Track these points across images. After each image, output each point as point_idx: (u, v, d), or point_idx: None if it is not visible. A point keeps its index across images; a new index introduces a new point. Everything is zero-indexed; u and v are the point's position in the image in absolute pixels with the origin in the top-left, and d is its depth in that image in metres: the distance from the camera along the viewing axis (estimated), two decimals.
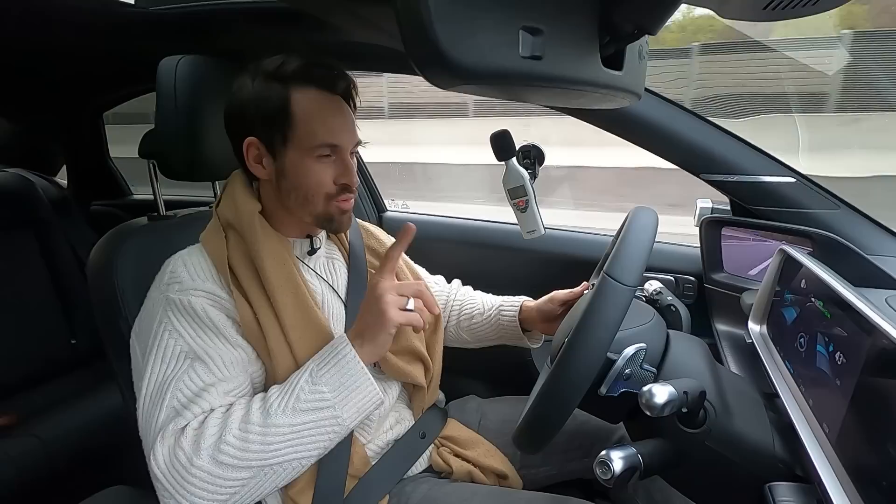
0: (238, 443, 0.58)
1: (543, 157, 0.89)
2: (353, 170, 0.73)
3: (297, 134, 0.69)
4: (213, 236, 0.73)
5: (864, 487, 0.44)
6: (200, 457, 0.57)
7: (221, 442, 0.58)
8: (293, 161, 0.71)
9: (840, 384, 0.51)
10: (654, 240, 0.60)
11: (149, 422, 0.62)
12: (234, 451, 0.58)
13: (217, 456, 0.57)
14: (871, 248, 0.85)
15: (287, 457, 0.60)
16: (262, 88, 0.70)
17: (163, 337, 0.65)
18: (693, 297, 1.08)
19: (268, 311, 0.68)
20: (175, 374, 0.63)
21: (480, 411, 0.97)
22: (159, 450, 0.58)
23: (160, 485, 0.58)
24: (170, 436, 0.59)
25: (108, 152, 1.82)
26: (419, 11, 0.28)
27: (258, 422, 0.59)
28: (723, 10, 0.41)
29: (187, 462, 0.57)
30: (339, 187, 0.72)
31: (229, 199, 0.74)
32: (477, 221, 1.39)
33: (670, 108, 0.94)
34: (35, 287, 1.43)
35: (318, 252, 0.81)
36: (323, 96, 0.71)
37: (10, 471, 1.09)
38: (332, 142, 0.70)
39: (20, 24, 0.98)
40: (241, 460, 0.58)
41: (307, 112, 0.69)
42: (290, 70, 0.69)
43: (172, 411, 0.61)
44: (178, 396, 0.62)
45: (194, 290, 0.67)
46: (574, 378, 0.54)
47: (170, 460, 0.58)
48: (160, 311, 0.67)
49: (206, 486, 0.57)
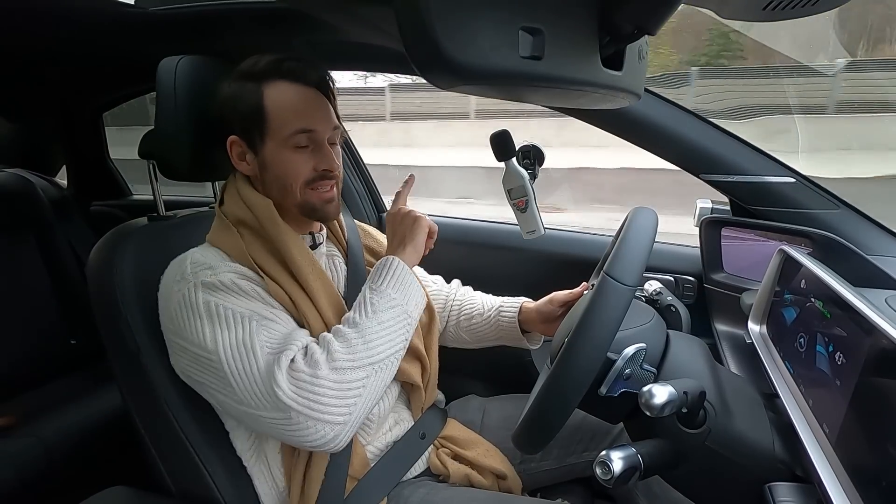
0: (345, 349, 0.64)
1: (543, 158, 0.89)
2: (333, 157, 0.74)
3: (271, 126, 0.72)
4: (224, 234, 0.73)
5: (864, 487, 0.44)
6: (321, 369, 0.62)
7: (331, 354, 0.63)
8: (272, 153, 0.72)
9: (840, 384, 0.51)
10: (653, 240, 0.60)
11: (248, 375, 0.62)
12: (344, 356, 0.63)
13: (333, 364, 0.63)
14: (871, 249, 0.85)
15: (386, 351, 0.67)
16: (237, 88, 0.73)
17: (217, 311, 0.65)
18: (693, 297, 1.08)
19: (301, 293, 0.71)
20: (250, 333, 0.64)
21: (483, 409, 0.97)
22: (281, 380, 0.61)
23: (295, 412, 0.61)
24: (284, 367, 0.62)
25: (108, 152, 1.82)
26: (419, 11, 0.28)
27: (352, 331, 0.66)
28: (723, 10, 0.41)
29: (311, 378, 0.61)
30: (318, 174, 0.73)
31: (235, 197, 0.75)
32: (477, 221, 1.38)
33: (670, 108, 0.94)
34: (35, 287, 1.43)
35: (320, 249, 0.82)
36: (294, 87, 0.73)
37: (10, 471, 1.08)
38: (305, 127, 0.71)
39: (20, 23, 0.98)
40: (353, 361, 0.64)
41: (279, 104, 0.71)
42: (261, 67, 0.72)
43: (271, 356, 0.63)
44: (268, 344, 0.64)
45: (227, 271, 0.68)
46: (574, 378, 0.54)
47: (295, 384, 0.61)
48: (198, 295, 0.66)
49: (335, 393, 0.62)
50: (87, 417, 1.27)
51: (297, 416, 0.61)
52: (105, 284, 0.75)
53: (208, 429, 0.74)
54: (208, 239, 0.75)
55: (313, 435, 0.62)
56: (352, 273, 0.85)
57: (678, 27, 3.28)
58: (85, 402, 1.31)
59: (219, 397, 0.66)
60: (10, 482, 1.07)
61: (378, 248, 0.91)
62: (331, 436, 0.62)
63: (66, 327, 1.46)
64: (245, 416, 0.65)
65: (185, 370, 0.69)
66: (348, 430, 0.64)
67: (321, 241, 0.83)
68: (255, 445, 0.75)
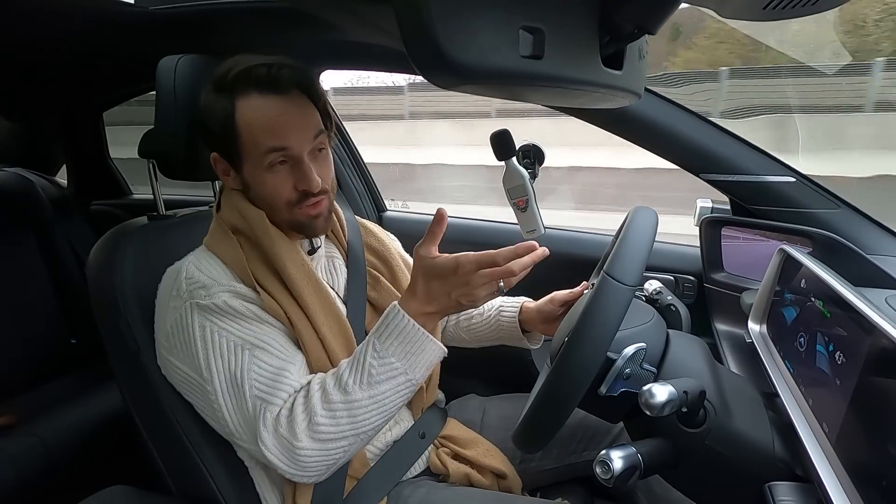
0: (328, 420, 0.62)
1: (543, 157, 0.89)
2: (311, 175, 0.69)
3: (244, 146, 0.68)
4: (222, 241, 0.72)
5: (863, 487, 0.44)
6: (301, 440, 0.61)
7: (313, 424, 0.61)
8: (250, 173, 0.70)
9: (840, 384, 0.51)
10: (653, 239, 0.60)
11: (239, 416, 0.64)
12: (327, 427, 0.61)
13: (314, 435, 0.61)
14: (871, 248, 0.85)
15: (374, 422, 0.64)
16: (211, 101, 0.68)
17: (211, 338, 0.65)
18: (693, 296, 1.08)
19: (296, 308, 0.70)
20: (241, 366, 0.64)
21: (482, 408, 0.97)
22: (267, 440, 0.61)
23: (280, 468, 0.62)
24: (270, 425, 0.62)
25: (108, 152, 1.82)
26: (419, 11, 0.28)
27: (340, 399, 0.62)
28: (723, 10, 0.41)
29: (291, 446, 0.61)
30: (299, 193, 0.70)
31: (231, 205, 0.73)
32: (477, 221, 1.38)
33: (670, 108, 0.94)
34: (35, 287, 1.43)
35: (318, 252, 0.81)
36: (265, 99, 0.67)
37: (9, 471, 1.08)
38: (277, 145, 0.67)
39: (20, 23, 0.98)
40: (336, 433, 0.62)
41: (248, 121, 0.67)
42: (232, 76, 0.67)
43: (258, 400, 0.63)
44: (257, 385, 0.64)
45: (222, 290, 0.67)
46: (574, 378, 0.54)
47: (280, 446, 0.62)
48: (193, 318, 0.66)
49: (317, 459, 0.62)
50: (87, 417, 1.27)
51: (282, 469, 0.63)
52: (105, 284, 0.75)
53: (208, 428, 0.74)
54: (206, 244, 0.74)
55: (293, 477, 0.64)
56: (352, 275, 0.84)
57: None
58: (85, 402, 1.31)
59: (205, 418, 0.69)
60: (10, 482, 1.07)
61: (380, 248, 0.89)
62: (311, 481, 0.65)
63: (66, 327, 1.46)
64: (228, 436, 0.68)
65: (176, 385, 0.71)
66: (327, 476, 0.66)
67: (319, 245, 0.81)
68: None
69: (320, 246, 0.82)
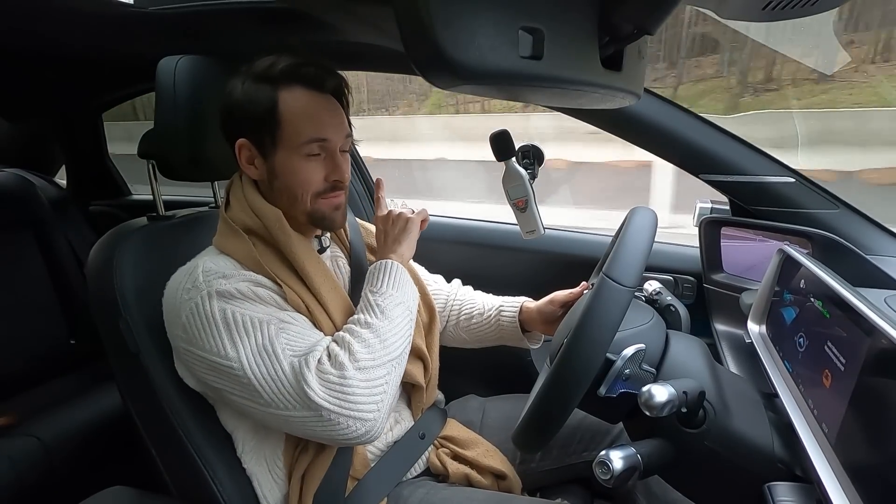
0: (365, 349, 0.66)
1: (543, 157, 0.89)
2: (344, 166, 0.74)
3: (284, 133, 0.70)
4: (233, 241, 0.72)
5: (863, 487, 0.44)
6: (347, 369, 0.63)
7: (353, 354, 0.65)
8: (282, 161, 0.71)
9: (839, 384, 0.51)
10: (653, 240, 0.60)
11: (275, 383, 0.63)
12: (366, 355, 0.65)
13: (357, 364, 0.64)
14: (871, 248, 0.85)
15: (401, 346, 0.70)
16: (252, 90, 0.70)
17: (233, 318, 0.65)
18: (692, 297, 1.08)
19: (315, 303, 0.72)
20: (269, 337, 0.64)
21: (482, 409, 0.97)
22: (312, 382, 0.62)
23: (328, 411, 0.62)
24: (313, 368, 0.63)
25: (108, 152, 1.82)
26: (419, 12, 0.28)
27: (367, 331, 0.68)
28: (722, 11, 0.41)
29: (340, 378, 0.63)
30: (329, 184, 0.73)
31: (242, 203, 0.73)
32: (477, 221, 1.39)
33: (670, 108, 0.94)
34: (34, 287, 1.42)
35: (326, 252, 0.82)
36: (310, 94, 0.71)
37: (9, 471, 1.08)
38: (319, 136, 0.71)
39: (20, 23, 0.98)
40: (375, 360, 0.66)
41: (293, 111, 0.70)
42: (279, 70, 0.70)
43: (295, 359, 0.64)
44: (290, 347, 0.65)
45: (242, 279, 0.68)
46: (573, 378, 0.54)
47: (326, 385, 0.63)
48: (213, 304, 0.65)
49: (364, 391, 0.64)
50: (87, 417, 1.27)
51: (329, 414, 0.62)
52: (105, 284, 0.75)
53: (208, 429, 0.74)
54: (216, 244, 0.74)
55: (346, 430, 0.63)
56: (355, 273, 0.85)
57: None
58: (85, 402, 1.31)
59: (240, 402, 0.66)
60: (10, 482, 1.07)
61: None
62: (363, 430, 0.64)
63: (66, 327, 1.46)
64: (271, 417, 0.65)
65: (201, 377, 0.68)
66: (379, 425, 0.66)
67: (328, 245, 0.83)
68: (256, 446, 0.74)
69: (328, 246, 0.83)
